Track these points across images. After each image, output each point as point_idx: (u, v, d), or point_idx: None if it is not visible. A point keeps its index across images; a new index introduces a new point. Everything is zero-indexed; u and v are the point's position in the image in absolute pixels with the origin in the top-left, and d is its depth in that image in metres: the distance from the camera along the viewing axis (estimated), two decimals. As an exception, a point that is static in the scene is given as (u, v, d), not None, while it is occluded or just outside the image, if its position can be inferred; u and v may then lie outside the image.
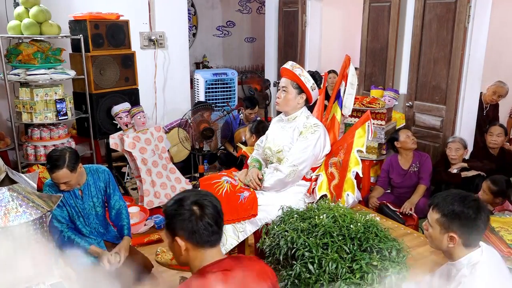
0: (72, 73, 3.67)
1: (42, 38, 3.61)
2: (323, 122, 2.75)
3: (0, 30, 3.72)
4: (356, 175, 2.51)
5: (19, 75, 3.46)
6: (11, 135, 3.82)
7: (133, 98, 4.04)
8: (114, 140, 3.68)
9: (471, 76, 3.85)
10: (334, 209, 2.11)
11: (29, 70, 3.46)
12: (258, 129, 3.86)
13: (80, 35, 3.62)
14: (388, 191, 3.88)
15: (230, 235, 2.40)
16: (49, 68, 3.53)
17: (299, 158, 2.48)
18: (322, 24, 5.69)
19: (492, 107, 4.75)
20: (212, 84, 5.60)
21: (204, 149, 4.10)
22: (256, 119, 4.47)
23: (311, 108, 2.74)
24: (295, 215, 2.14)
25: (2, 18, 3.87)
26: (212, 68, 7.07)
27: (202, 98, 5.57)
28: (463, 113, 3.95)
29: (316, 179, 2.59)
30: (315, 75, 2.62)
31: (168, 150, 3.95)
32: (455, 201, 1.71)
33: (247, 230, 2.43)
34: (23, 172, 3.33)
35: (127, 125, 3.78)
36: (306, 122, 2.55)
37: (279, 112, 2.74)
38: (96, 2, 4.18)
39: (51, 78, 3.51)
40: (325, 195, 2.52)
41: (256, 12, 7.62)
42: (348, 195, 2.51)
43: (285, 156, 2.53)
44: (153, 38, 4.69)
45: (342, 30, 6.60)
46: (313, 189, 2.57)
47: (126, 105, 3.85)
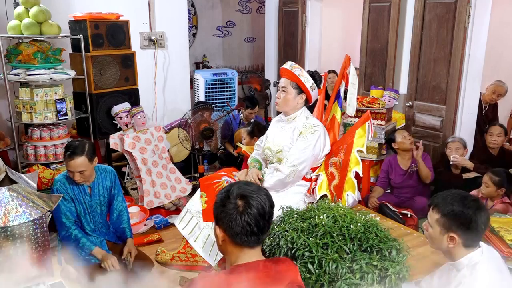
0: (72, 73, 3.67)
1: (42, 38, 3.61)
2: (323, 122, 2.75)
3: (0, 30, 3.72)
4: (356, 175, 2.52)
5: (19, 75, 3.46)
6: (11, 135, 3.81)
7: (133, 98, 4.04)
8: (114, 140, 3.68)
9: (471, 76, 3.85)
10: (334, 209, 2.11)
11: (29, 70, 3.46)
12: (253, 131, 3.87)
13: (80, 35, 3.63)
14: (388, 191, 3.88)
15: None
16: (49, 68, 3.53)
17: (299, 158, 2.48)
18: (322, 24, 5.69)
19: (491, 107, 4.75)
20: (212, 84, 5.60)
21: (204, 149, 4.10)
22: (251, 121, 4.45)
23: (311, 108, 2.74)
24: (295, 215, 2.14)
25: (2, 18, 3.87)
26: (212, 68, 7.07)
27: (202, 98, 5.57)
28: (463, 113, 3.95)
29: (316, 179, 2.59)
30: (315, 75, 2.62)
31: (168, 150, 3.95)
32: (455, 201, 1.71)
33: (247, 230, 2.43)
34: (23, 172, 3.33)
35: (127, 125, 3.79)
36: (306, 122, 2.55)
37: (279, 112, 2.74)
38: (96, 2, 4.17)
39: (51, 78, 3.51)
40: (325, 195, 2.52)
41: (256, 12, 7.62)
42: (348, 195, 2.51)
43: (285, 156, 2.54)
44: (153, 38, 4.69)
45: (342, 30, 6.61)
46: (313, 189, 2.57)
47: (126, 105, 3.86)
